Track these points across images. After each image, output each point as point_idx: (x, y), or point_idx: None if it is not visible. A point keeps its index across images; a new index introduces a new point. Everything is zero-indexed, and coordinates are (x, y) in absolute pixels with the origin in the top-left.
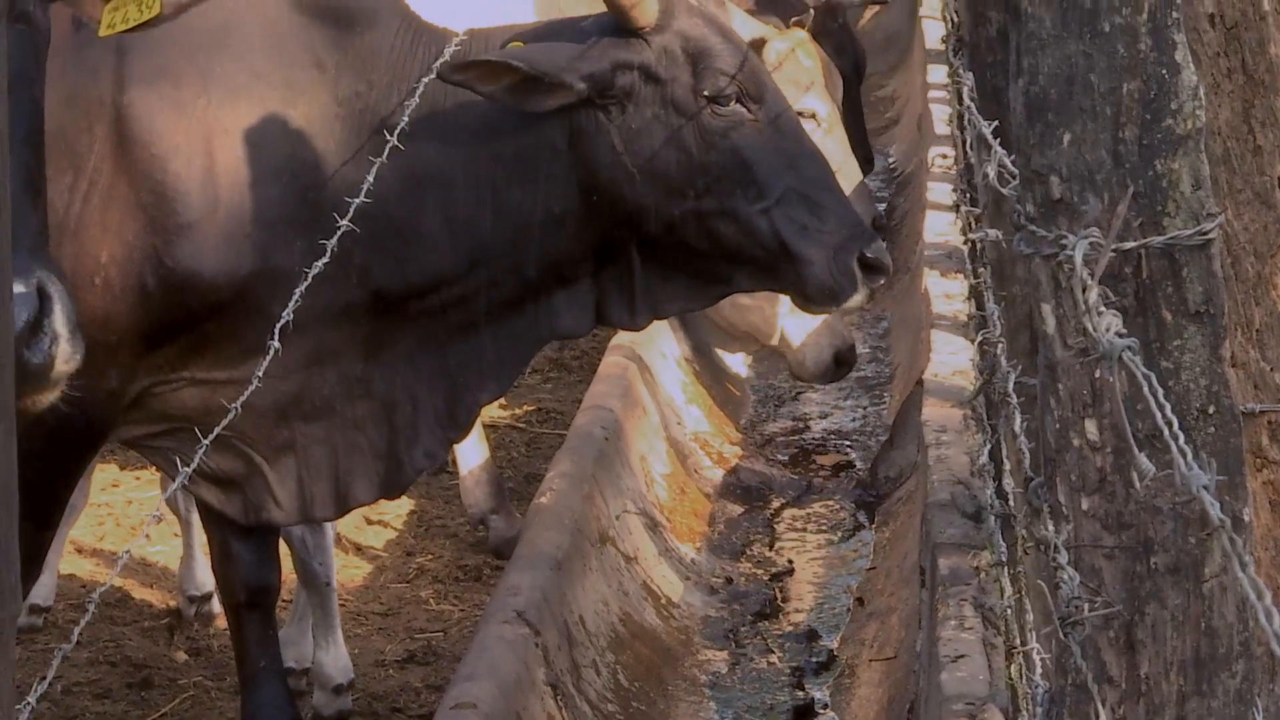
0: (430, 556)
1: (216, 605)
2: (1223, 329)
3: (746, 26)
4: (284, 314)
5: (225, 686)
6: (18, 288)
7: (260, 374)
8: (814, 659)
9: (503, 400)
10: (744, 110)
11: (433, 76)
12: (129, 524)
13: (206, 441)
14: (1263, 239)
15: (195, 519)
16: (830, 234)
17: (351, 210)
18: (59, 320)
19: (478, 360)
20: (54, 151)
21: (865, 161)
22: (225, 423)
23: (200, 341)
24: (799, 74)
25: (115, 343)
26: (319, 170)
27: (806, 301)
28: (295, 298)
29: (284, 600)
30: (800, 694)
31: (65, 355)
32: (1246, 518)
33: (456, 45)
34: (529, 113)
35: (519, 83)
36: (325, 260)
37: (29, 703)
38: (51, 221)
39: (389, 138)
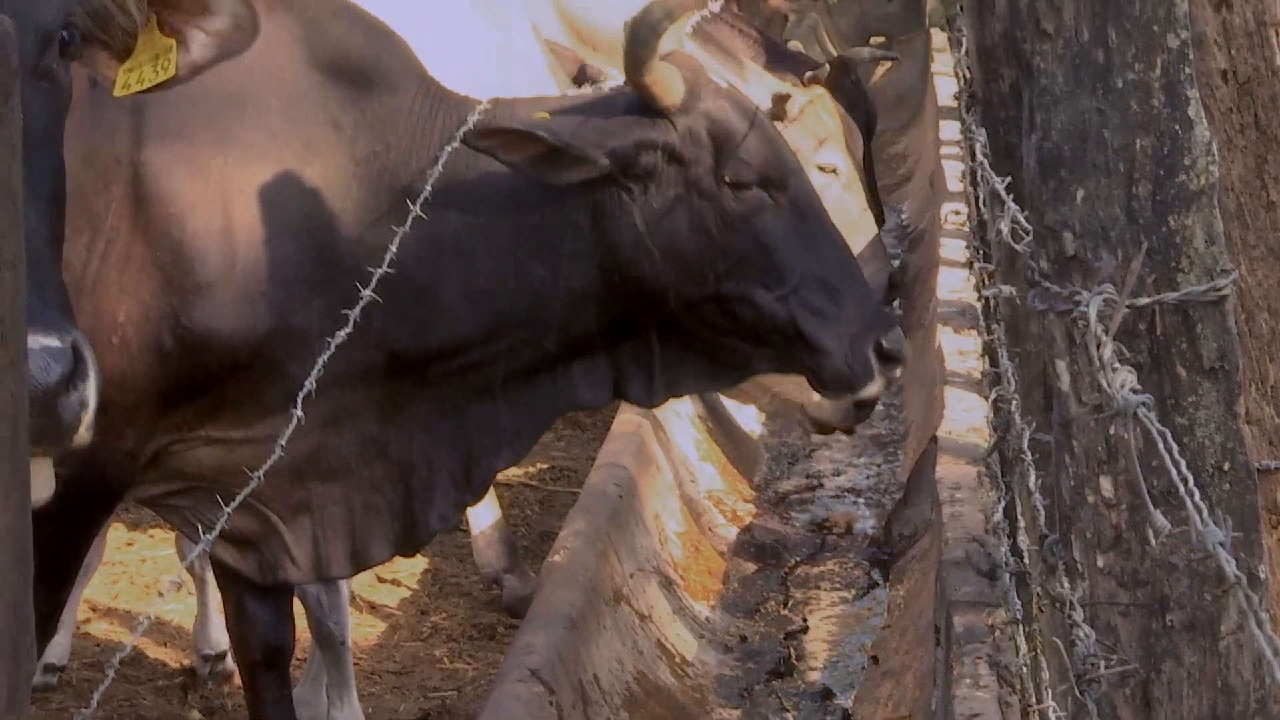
0: (444, 615)
1: (230, 664)
2: (1237, 385)
3: (766, 83)
4: (307, 383)
5: None
6: (51, 341)
7: (283, 442)
8: (829, 718)
9: None
10: (766, 195)
11: (457, 144)
12: (143, 583)
13: (229, 510)
14: (1276, 295)
15: (210, 577)
16: (848, 322)
17: (374, 281)
18: (91, 389)
19: (493, 426)
20: (71, 210)
21: (877, 218)
22: (248, 491)
23: (218, 401)
24: (817, 128)
25: (133, 402)
26: (336, 230)
27: (822, 388)
28: (318, 367)
29: (298, 659)
30: None
31: (88, 424)
32: (1262, 574)
33: (479, 114)
34: (551, 188)
35: (543, 154)
36: (348, 330)
37: None
38: (69, 280)
39: (412, 207)
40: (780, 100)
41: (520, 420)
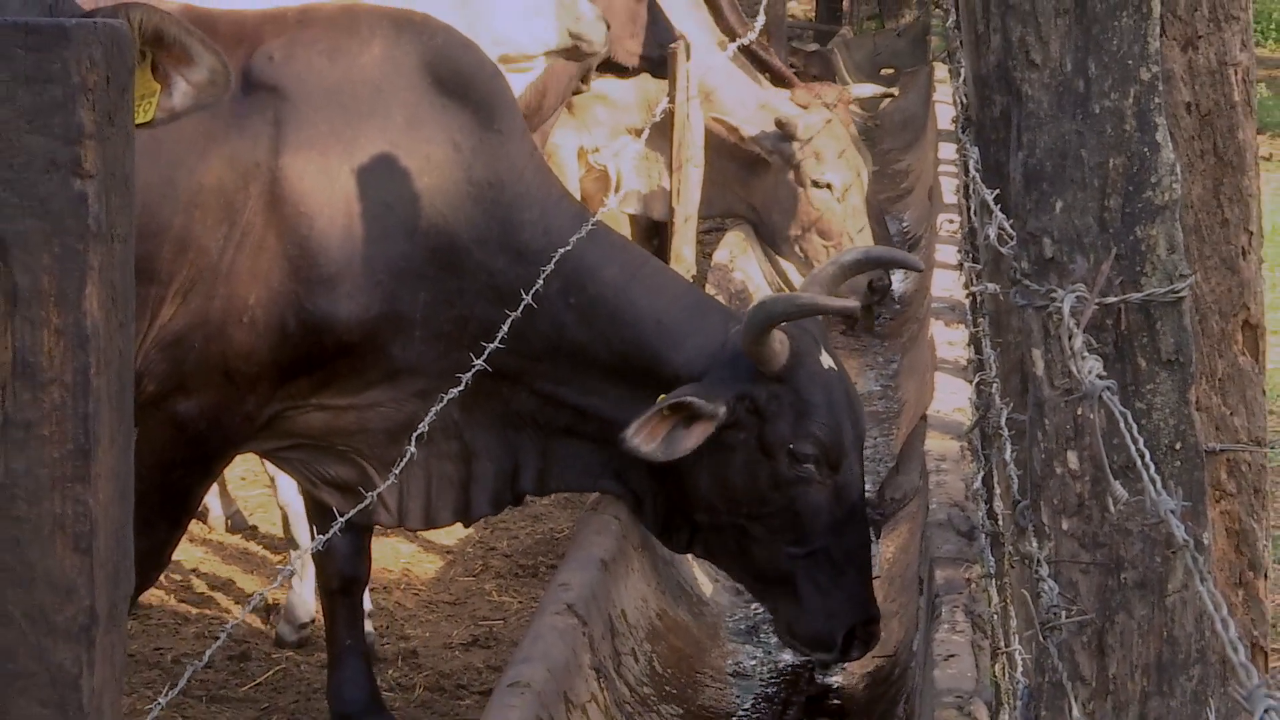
0: (495, 554)
1: (305, 633)
2: (1190, 376)
3: (781, 105)
4: (422, 425)
5: (312, 662)
6: None
7: (397, 471)
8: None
9: None
10: (816, 471)
11: (568, 248)
12: (200, 529)
13: (332, 532)
14: (1227, 300)
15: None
16: (837, 599)
17: (486, 352)
18: None
19: (537, 455)
20: (212, 204)
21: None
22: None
23: (328, 375)
24: (831, 142)
25: (256, 374)
26: (446, 235)
27: (789, 636)
28: (431, 414)
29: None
30: (813, 684)
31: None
32: (1206, 541)
33: (590, 223)
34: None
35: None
36: (459, 389)
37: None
38: (206, 266)
39: (524, 296)
40: (783, 124)
41: (554, 465)
